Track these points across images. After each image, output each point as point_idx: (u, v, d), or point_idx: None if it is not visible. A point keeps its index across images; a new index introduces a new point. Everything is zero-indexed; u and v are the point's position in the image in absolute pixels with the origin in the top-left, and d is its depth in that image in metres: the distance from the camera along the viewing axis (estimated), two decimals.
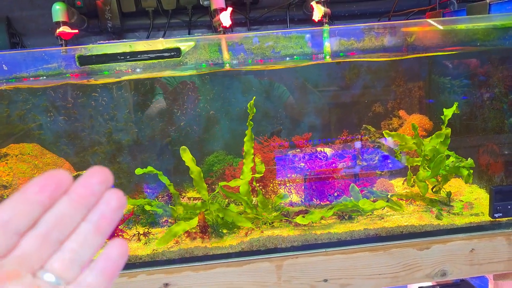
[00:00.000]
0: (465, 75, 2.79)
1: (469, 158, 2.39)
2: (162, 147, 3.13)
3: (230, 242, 2.19)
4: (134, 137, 3.09)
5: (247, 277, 2.14)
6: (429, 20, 2.43)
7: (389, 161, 2.64)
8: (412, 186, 2.69)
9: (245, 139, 2.25)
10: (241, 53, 2.44)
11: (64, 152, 3.00)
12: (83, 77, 2.81)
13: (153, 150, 3.13)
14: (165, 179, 2.31)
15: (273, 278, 2.16)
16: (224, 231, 2.27)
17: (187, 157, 2.26)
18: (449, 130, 2.31)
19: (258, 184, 2.40)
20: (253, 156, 2.24)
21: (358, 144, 2.72)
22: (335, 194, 2.32)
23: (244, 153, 2.26)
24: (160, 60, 2.05)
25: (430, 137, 2.42)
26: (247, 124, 2.26)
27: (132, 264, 2.15)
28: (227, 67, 2.47)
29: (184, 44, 2.24)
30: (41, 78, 2.71)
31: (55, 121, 2.99)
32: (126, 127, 3.07)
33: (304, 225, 2.24)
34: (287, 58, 2.50)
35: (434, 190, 2.45)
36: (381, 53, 2.87)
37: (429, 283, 2.81)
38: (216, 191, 2.34)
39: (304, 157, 2.41)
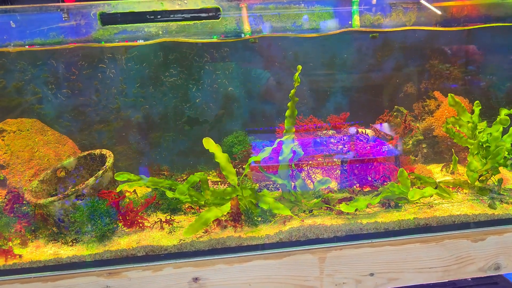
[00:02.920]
0: None
1: None
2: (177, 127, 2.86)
3: (267, 231, 1.95)
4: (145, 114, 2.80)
5: (286, 270, 1.91)
6: None
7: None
8: (452, 173, 2.49)
9: (286, 115, 1.99)
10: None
11: (67, 129, 2.69)
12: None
13: (165, 129, 2.85)
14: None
15: (315, 272, 1.94)
16: (258, 218, 2.03)
17: (211, 145, 2.00)
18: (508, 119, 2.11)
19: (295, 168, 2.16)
20: (294, 135, 1.99)
21: (385, 128, 2.50)
22: (379, 179, 2.10)
23: (284, 131, 2.01)
24: (196, 21, 1.77)
25: (484, 122, 2.21)
26: (290, 96, 1.99)
27: (157, 256, 1.89)
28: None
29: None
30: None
31: (56, 95, 2.67)
32: (137, 103, 2.78)
33: (348, 214, 2.02)
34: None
35: (480, 179, 2.25)
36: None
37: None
38: (243, 175, 2.09)
39: (344, 139, 2.17)
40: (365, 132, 2.19)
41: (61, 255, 1.85)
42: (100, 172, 1.93)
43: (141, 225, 1.99)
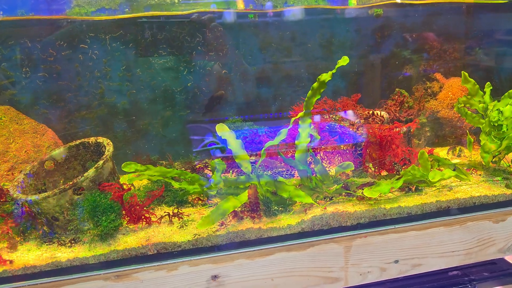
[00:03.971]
0: None
1: None
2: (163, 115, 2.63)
3: (288, 221, 1.80)
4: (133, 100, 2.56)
5: (310, 261, 1.78)
6: None
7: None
8: (459, 156, 2.46)
9: (308, 95, 1.85)
10: None
11: (45, 117, 2.40)
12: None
13: (154, 116, 2.62)
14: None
15: (340, 262, 1.82)
16: (277, 208, 1.88)
17: (225, 132, 1.84)
18: None
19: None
20: (310, 119, 1.85)
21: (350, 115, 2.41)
22: (400, 163, 2.01)
23: (303, 115, 1.86)
24: None
25: (495, 101, 2.16)
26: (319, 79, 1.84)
27: (170, 254, 1.69)
28: None
29: None
30: None
31: (32, 79, 2.37)
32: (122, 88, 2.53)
33: (370, 199, 1.91)
34: None
35: (494, 160, 2.22)
36: None
37: None
38: (259, 162, 1.92)
39: (359, 122, 2.06)
40: (381, 113, 2.09)
41: (60, 258, 1.61)
42: (101, 162, 1.70)
43: (148, 220, 1.78)
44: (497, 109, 2.12)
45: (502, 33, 2.81)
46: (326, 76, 1.90)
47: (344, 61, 1.87)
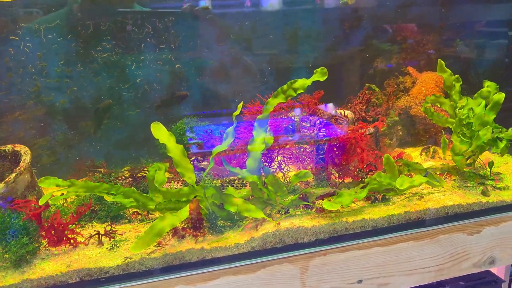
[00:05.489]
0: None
1: (510, 128, 1.99)
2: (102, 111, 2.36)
3: (236, 239, 1.57)
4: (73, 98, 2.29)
5: (260, 286, 1.56)
6: None
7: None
8: (432, 157, 2.26)
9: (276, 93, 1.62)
10: None
11: None
12: None
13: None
14: None
15: (295, 285, 1.60)
16: (224, 224, 1.65)
17: (162, 134, 1.58)
18: (501, 96, 1.87)
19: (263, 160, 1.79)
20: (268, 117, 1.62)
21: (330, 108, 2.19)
22: (365, 169, 1.79)
23: (261, 117, 1.63)
24: None
25: (466, 98, 1.96)
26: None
27: (96, 281, 1.45)
28: None
29: None
30: None
31: None
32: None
33: (330, 211, 1.69)
34: None
35: (468, 162, 2.02)
36: None
37: None
38: (207, 171, 1.69)
39: (320, 122, 1.83)
40: (345, 113, 1.86)
41: None
42: (12, 175, 1.44)
43: (72, 241, 1.54)
44: (468, 108, 1.92)
45: (480, 24, 2.61)
46: (299, 85, 1.67)
47: (321, 74, 1.66)
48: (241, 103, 1.60)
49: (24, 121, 2.22)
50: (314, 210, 1.70)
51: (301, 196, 1.72)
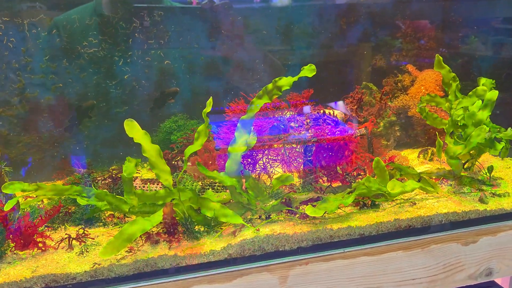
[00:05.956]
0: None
1: (510, 128, 1.86)
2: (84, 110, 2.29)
3: (212, 246, 1.49)
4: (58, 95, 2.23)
5: None
6: None
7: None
8: (431, 160, 2.14)
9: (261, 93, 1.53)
10: None
11: None
12: None
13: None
14: None
15: None
16: (201, 229, 1.57)
17: (136, 133, 1.50)
18: (495, 94, 1.74)
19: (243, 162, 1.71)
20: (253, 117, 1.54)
21: (340, 107, 2.08)
22: (353, 172, 1.69)
23: (246, 117, 1.54)
24: None
25: (461, 97, 1.85)
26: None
27: None
28: None
29: None
30: None
31: None
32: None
33: (314, 218, 1.60)
34: None
35: (466, 166, 1.91)
36: None
37: None
38: (181, 173, 1.60)
39: (307, 123, 1.74)
40: (334, 113, 1.76)
41: None
42: None
43: (40, 245, 1.47)
44: (462, 107, 1.81)
45: (485, 20, 2.48)
46: (284, 83, 1.58)
47: (309, 71, 1.57)
48: (210, 99, 1.51)
49: (7, 118, 2.17)
50: (297, 216, 1.61)
51: (284, 201, 1.63)
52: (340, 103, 2.14)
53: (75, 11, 2.18)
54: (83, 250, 1.48)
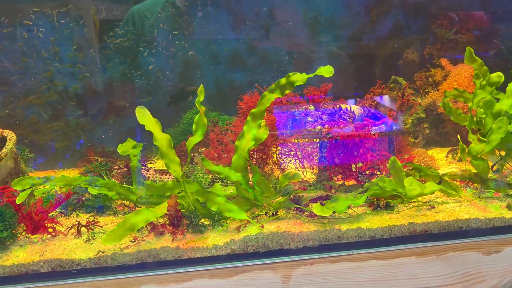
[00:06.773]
0: None
1: None
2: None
3: (215, 240, 1.48)
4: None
5: None
6: None
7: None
8: (460, 160, 2.01)
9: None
10: None
11: None
12: None
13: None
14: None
15: None
16: (206, 223, 1.56)
17: (148, 120, 1.50)
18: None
19: (254, 156, 1.67)
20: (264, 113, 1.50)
21: (385, 101, 1.98)
22: (366, 171, 1.61)
23: (255, 111, 1.51)
24: None
25: (480, 94, 1.70)
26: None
27: (68, 272, 1.43)
28: None
29: None
30: None
31: None
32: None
33: (323, 217, 1.54)
34: None
35: (494, 169, 1.77)
36: None
37: None
38: (186, 164, 1.60)
39: (321, 118, 1.67)
40: (351, 108, 1.69)
41: None
42: None
43: (50, 230, 1.52)
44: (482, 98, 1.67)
45: None
46: (298, 78, 1.53)
47: (326, 72, 1.51)
48: (201, 86, 1.48)
49: (37, 105, 2.26)
50: (305, 214, 1.56)
51: (292, 198, 1.58)
52: (386, 97, 2.04)
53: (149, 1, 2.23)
54: (90, 238, 1.51)
